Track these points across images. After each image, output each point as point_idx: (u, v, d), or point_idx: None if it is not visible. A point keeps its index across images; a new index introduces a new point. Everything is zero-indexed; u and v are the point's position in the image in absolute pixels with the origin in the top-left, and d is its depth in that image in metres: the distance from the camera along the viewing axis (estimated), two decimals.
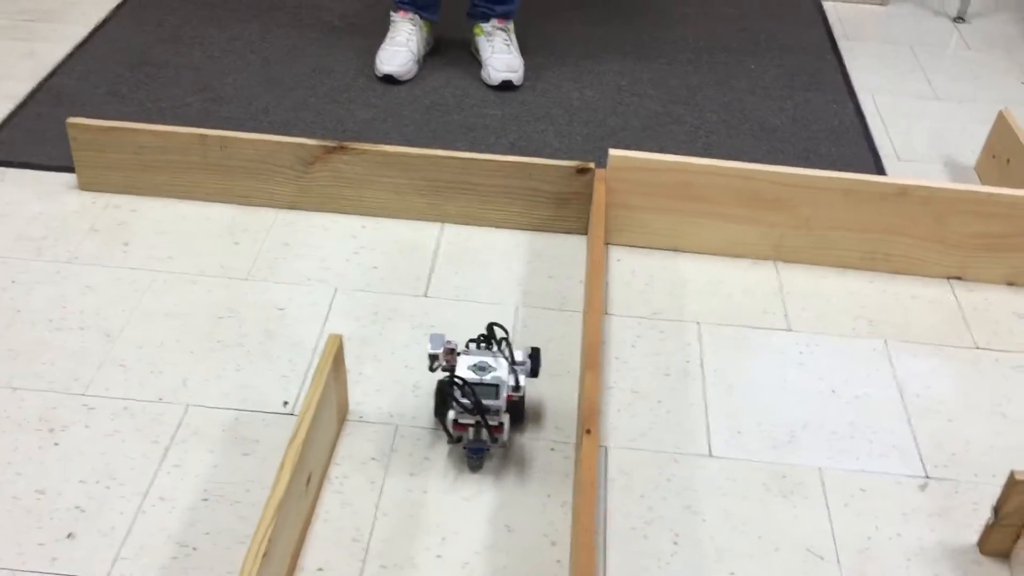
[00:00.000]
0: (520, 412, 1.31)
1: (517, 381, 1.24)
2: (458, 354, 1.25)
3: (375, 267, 1.57)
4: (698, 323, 1.49)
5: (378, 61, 2.06)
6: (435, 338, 1.25)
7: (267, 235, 1.62)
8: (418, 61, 2.08)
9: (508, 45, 2.05)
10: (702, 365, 1.42)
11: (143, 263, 1.54)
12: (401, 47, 2.05)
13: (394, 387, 1.35)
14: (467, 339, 1.30)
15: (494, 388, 1.21)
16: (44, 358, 1.36)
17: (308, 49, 2.17)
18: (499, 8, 2.05)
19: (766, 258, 1.63)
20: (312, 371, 1.36)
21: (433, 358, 1.24)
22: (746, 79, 2.16)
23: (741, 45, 2.30)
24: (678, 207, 1.60)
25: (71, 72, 2.04)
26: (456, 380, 1.21)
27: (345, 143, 1.60)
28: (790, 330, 1.50)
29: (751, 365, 1.43)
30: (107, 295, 1.48)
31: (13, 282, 1.49)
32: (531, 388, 1.36)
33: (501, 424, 1.22)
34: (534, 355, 1.27)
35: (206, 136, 1.61)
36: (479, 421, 1.21)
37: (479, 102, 2.01)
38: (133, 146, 1.63)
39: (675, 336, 1.47)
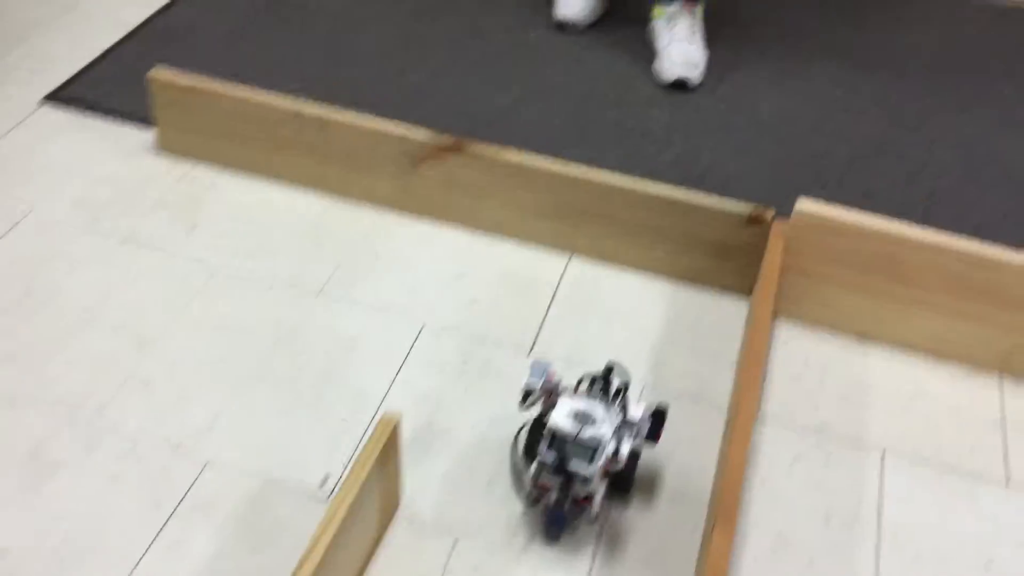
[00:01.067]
0: (627, 482, 1.01)
1: (618, 446, 0.95)
2: (560, 393, 0.98)
3: (475, 301, 1.26)
4: (883, 450, 1.12)
5: (556, 4, 1.79)
6: (537, 366, 0.99)
7: (356, 239, 1.33)
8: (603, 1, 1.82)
9: (693, 34, 1.67)
10: (879, 514, 1.05)
11: (206, 254, 1.29)
12: None
13: (465, 478, 1.05)
14: (580, 375, 1.00)
15: (589, 450, 0.93)
16: (65, 359, 1.13)
17: (463, 4, 1.85)
18: None
19: (988, 370, 1.22)
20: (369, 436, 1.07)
21: (527, 394, 0.98)
22: (998, 108, 1.69)
23: (995, 61, 1.81)
24: (876, 285, 1.21)
25: (195, 2, 1.80)
26: (546, 427, 0.95)
27: (463, 141, 1.29)
28: (1009, 485, 1.10)
29: (949, 527, 1.05)
30: (155, 289, 1.23)
31: (59, 254, 1.27)
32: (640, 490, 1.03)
33: (590, 496, 0.95)
34: (657, 417, 0.98)
35: (302, 114, 1.33)
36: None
37: (644, 99, 1.65)
38: (219, 111, 1.37)
39: (848, 464, 1.10)
